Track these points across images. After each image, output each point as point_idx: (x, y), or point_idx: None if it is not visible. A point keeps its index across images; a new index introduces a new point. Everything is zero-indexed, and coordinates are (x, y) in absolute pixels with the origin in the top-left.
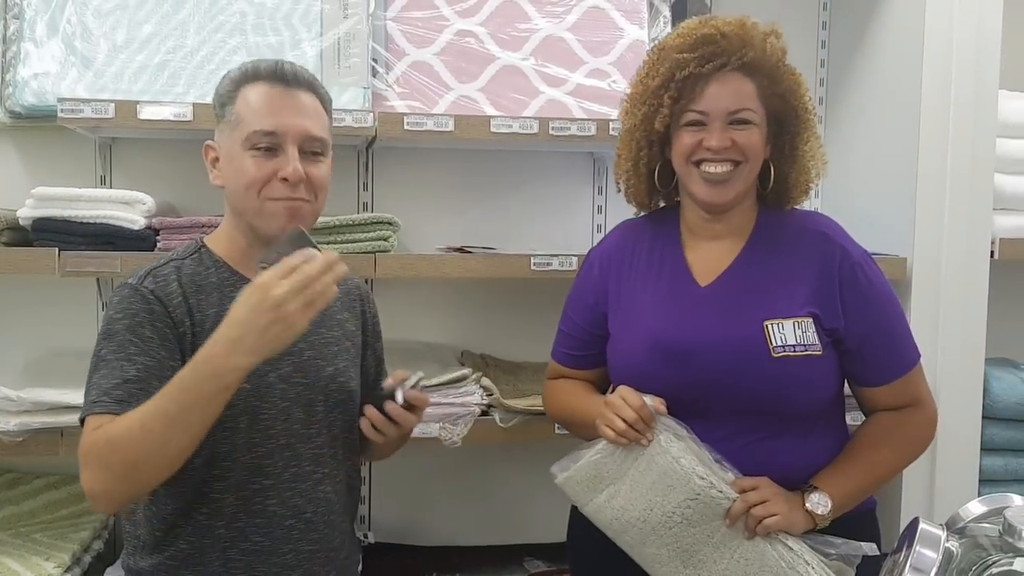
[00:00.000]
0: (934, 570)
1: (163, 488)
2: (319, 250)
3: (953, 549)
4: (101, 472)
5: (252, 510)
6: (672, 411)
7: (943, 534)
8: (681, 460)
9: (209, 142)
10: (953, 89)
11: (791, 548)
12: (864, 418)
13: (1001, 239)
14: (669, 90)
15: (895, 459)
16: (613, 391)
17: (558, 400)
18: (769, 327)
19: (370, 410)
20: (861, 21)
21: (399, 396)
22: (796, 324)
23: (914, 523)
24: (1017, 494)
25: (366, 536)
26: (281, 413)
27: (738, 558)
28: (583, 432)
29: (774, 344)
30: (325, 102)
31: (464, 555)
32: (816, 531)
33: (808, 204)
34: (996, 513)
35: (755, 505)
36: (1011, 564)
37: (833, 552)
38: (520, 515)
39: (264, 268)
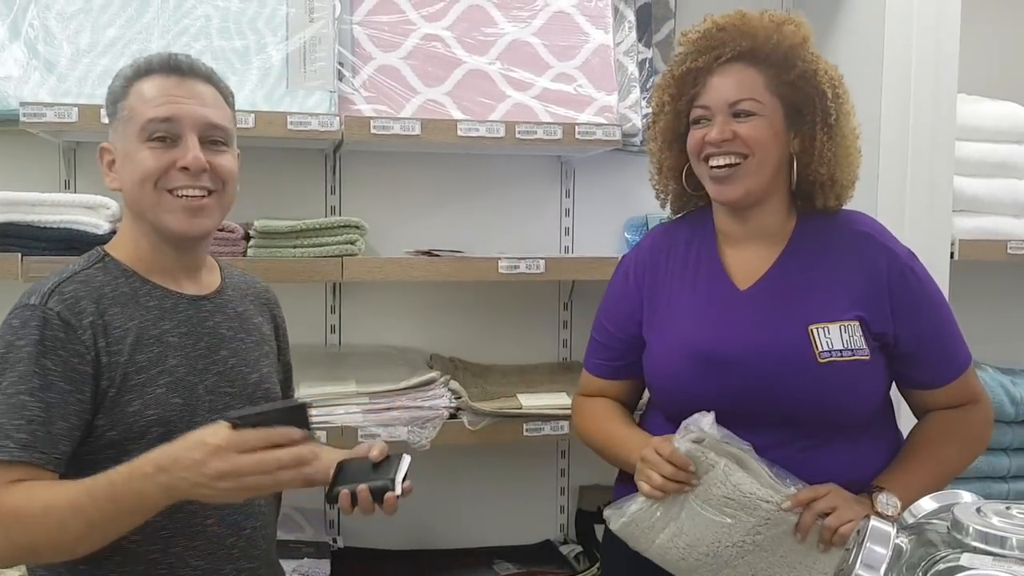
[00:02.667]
0: (883, 566)
1: None
2: (311, 432)
3: (903, 545)
4: (2, 541)
5: (191, 532)
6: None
7: (893, 531)
8: (742, 487)
9: (104, 144)
10: (912, 93)
11: None
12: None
13: (960, 240)
14: (669, 87)
15: (958, 456)
16: (648, 405)
17: (591, 425)
18: (814, 332)
19: (364, 495)
20: (822, 26)
21: (399, 488)
22: (842, 328)
23: (865, 520)
24: (970, 492)
25: (335, 540)
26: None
27: (816, 574)
28: (615, 464)
29: (820, 349)
30: (227, 95)
31: (434, 558)
32: None
33: None
34: (946, 510)
35: (825, 514)
36: (958, 559)
37: None
38: (489, 518)
39: (236, 425)
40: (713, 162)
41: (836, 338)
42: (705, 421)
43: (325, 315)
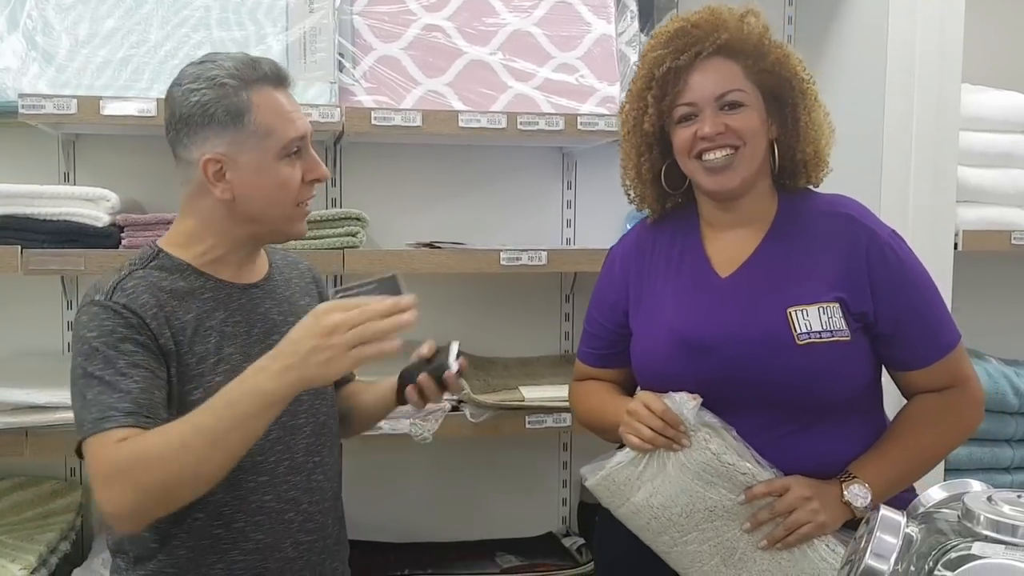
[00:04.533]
0: (894, 555)
1: None
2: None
3: (913, 534)
4: (132, 492)
5: (250, 508)
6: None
7: (903, 520)
8: (723, 456)
9: (211, 156)
10: (916, 83)
11: (832, 550)
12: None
13: (964, 231)
14: (651, 88)
15: (939, 442)
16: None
17: (583, 403)
18: (793, 314)
19: (426, 381)
20: (826, 16)
21: (454, 366)
22: (821, 309)
23: (875, 510)
24: (979, 481)
25: None
26: None
27: (779, 559)
28: (610, 437)
29: (798, 331)
30: None
31: (436, 551)
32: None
33: None
34: (956, 499)
35: (782, 514)
36: (969, 548)
37: None
38: (491, 510)
39: (338, 296)
40: (707, 156)
41: (815, 320)
42: (687, 407)
43: None
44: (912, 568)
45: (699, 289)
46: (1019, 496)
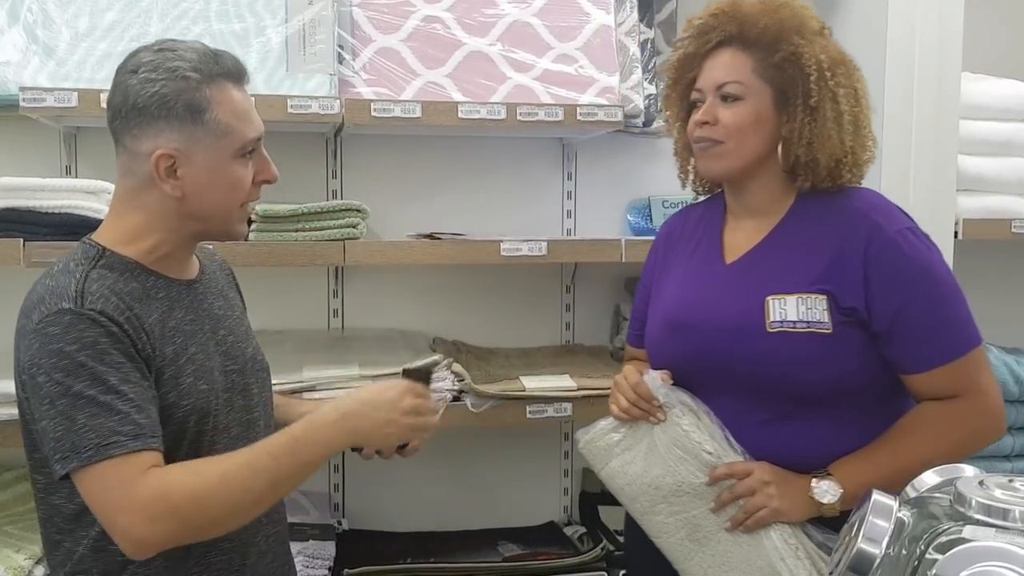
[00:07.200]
0: (886, 539)
1: None
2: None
3: (905, 518)
4: (177, 527)
5: None
6: (682, 386)
7: (895, 504)
8: (692, 434)
9: (165, 151)
10: (917, 72)
11: (786, 541)
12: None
13: (965, 219)
14: (671, 71)
15: (931, 452)
16: None
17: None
18: (770, 302)
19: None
20: (826, 4)
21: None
22: (801, 300)
23: (868, 495)
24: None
25: (340, 523)
26: (225, 405)
27: (739, 542)
28: None
29: (771, 319)
30: None
31: (439, 540)
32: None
33: None
34: (948, 483)
35: (743, 496)
36: (960, 531)
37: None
38: (493, 500)
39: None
40: (699, 142)
41: (792, 309)
42: (656, 384)
43: (328, 299)
44: (904, 551)
45: (704, 272)
46: (1010, 480)
